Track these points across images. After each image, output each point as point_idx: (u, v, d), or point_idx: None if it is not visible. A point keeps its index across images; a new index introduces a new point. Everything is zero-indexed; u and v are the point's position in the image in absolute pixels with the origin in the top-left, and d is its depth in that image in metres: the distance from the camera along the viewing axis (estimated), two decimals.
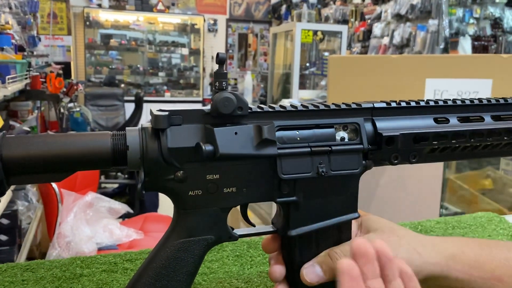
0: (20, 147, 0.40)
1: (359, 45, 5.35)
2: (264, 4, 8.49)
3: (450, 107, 0.53)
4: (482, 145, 0.54)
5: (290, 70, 4.38)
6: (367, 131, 0.49)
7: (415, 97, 0.55)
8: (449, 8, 3.82)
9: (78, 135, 0.43)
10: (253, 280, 0.66)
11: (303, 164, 0.47)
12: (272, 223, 0.52)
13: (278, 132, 0.46)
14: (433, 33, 3.88)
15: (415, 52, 4.07)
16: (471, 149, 0.54)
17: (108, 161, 0.43)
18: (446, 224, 0.90)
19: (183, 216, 0.46)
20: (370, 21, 5.11)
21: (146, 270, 0.46)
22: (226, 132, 0.44)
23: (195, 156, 0.43)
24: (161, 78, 7.91)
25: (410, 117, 0.52)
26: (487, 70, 1.69)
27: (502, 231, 0.87)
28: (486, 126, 0.53)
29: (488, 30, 3.79)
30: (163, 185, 0.44)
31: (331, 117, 0.49)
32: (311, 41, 4.36)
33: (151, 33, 7.84)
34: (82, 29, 7.31)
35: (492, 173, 2.05)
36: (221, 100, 0.43)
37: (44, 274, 0.66)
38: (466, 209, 1.97)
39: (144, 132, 0.43)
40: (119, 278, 0.66)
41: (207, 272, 0.68)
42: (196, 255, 0.46)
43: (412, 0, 4.14)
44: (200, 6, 8.08)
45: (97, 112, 6.15)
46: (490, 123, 0.54)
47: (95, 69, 7.56)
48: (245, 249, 0.76)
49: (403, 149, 0.50)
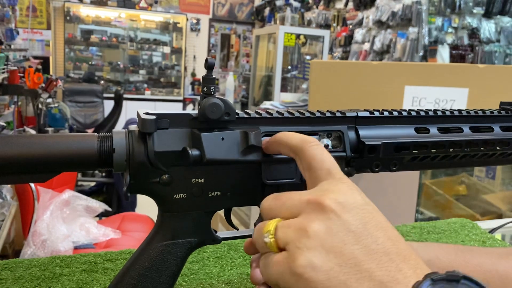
0: (5, 147, 0.40)
1: (340, 50, 5.41)
2: (247, 6, 8.51)
3: (430, 117, 0.55)
4: (460, 155, 0.56)
5: (272, 72, 4.40)
6: (350, 139, 0.50)
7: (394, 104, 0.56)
8: (428, 17, 3.90)
9: (64, 136, 0.43)
10: (233, 282, 0.67)
11: (287, 171, 0.48)
12: (254, 226, 0.53)
13: (264, 138, 0.47)
14: (413, 40, 3.96)
15: (395, 59, 4.14)
16: (449, 159, 0.56)
17: (94, 163, 0.43)
18: (422, 229, 0.92)
19: (168, 219, 0.46)
20: (352, 26, 5.17)
21: (128, 271, 0.46)
22: (213, 137, 0.44)
23: (181, 160, 0.44)
24: (142, 76, 7.84)
25: (392, 126, 0.53)
26: (464, 79, 1.74)
27: (474, 236, 0.90)
28: (464, 137, 0.55)
29: (466, 40, 3.89)
30: (149, 188, 0.45)
31: (315, 124, 0.50)
32: (294, 45, 4.40)
33: (132, 30, 7.77)
34: (62, 23, 7.19)
35: (466, 179, 2.11)
36: (209, 106, 0.44)
37: (22, 273, 0.65)
38: (440, 214, 2.02)
39: (131, 135, 0.44)
40: (99, 278, 0.66)
41: (187, 273, 0.69)
42: (179, 257, 0.47)
43: (393, 8, 4.21)
44: (183, 5, 8.05)
45: (75, 108, 6.05)
46: (468, 134, 0.56)
47: (75, 64, 7.44)
48: (226, 250, 0.77)
49: (385, 158, 0.52)
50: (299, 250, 0.34)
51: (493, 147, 0.56)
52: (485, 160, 0.58)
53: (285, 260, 0.35)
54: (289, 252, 0.35)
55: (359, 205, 0.36)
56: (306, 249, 0.34)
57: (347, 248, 0.33)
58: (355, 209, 0.35)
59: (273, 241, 0.36)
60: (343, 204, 0.35)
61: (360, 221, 0.35)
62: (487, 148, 0.56)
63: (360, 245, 0.33)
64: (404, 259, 0.33)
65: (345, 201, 0.36)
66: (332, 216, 0.35)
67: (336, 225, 0.34)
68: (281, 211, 0.38)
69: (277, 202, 0.39)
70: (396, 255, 0.33)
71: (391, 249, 0.33)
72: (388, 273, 0.32)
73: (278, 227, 0.37)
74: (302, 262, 0.33)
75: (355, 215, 0.35)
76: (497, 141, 0.56)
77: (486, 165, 0.61)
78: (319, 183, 0.39)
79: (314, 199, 0.36)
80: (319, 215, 0.35)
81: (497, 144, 0.56)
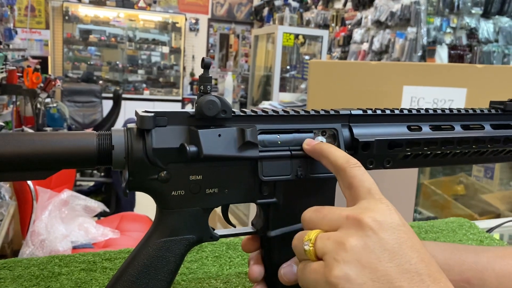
0: (5, 145, 0.40)
1: (339, 50, 5.41)
2: (246, 6, 8.51)
3: (423, 115, 0.56)
4: (452, 152, 0.57)
5: (271, 72, 4.41)
6: (344, 136, 0.51)
7: (392, 103, 0.57)
8: (427, 17, 3.90)
9: (63, 133, 0.43)
10: (232, 281, 0.67)
11: (283, 167, 0.48)
12: (252, 224, 0.53)
13: (260, 136, 0.48)
14: (412, 40, 3.96)
15: (393, 59, 4.15)
16: (442, 156, 0.57)
17: (93, 160, 0.43)
18: (420, 229, 0.92)
19: (166, 216, 0.47)
20: (351, 26, 5.17)
21: (127, 269, 0.46)
22: (210, 134, 0.45)
23: (179, 157, 0.44)
24: (140, 75, 7.84)
25: (385, 125, 0.54)
26: (462, 79, 1.74)
27: (472, 236, 0.91)
28: (456, 135, 0.56)
29: (464, 40, 3.90)
30: (147, 185, 0.45)
31: (310, 122, 0.51)
32: (292, 45, 4.40)
33: (131, 30, 7.76)
34: (61, 23, 7.18)
35: (465, 179, 2.11)
36: (206, 103, 0.44)
37: (21, 273, 0.65)
38: (438, 213, 2.02)
39: (129, 132, 0.44)
40: (98, 277, 0.66)
41: (186, 272, 0.69)
42: (178, 254, 0.47)
43: (392, 8, 4.22)
44: (182, 5, 8.05)
45: (74, 108, 6.05)
46: (460, 132, 0.57)
47: (73, 64, 7.44)
48: (224, 250, 0.77)
49: (378, 155, 0.53)
50: (336, 262, 0.36)
51: (484, 144, 0.57)
52: (477, 158, 0.59)
53: (322, 269, 0.37)
54: (326, 262, 0.37)
55: (396, 225, 0.38)
56: (342, 262, 0.36)
57: (382, 265, 0.35)
58: (392, 229, 0.37)
59: (312, 250, 0.39)
60: (381, 223, 0.37)
61: (396, 241, 0.36)
62: (478, 145, 0.57)
63: (394, 263, 0.35)
64: (434, 280, 0.35)
65: (383, 220, 0.37)
66: (370, 234, 0.37)
67: (373, 242, 0.36)
68: (322, 223, 0.40)
69: (318, 214, 0.41)
70: (427, 276, 0.35)
71: (423, 270, 0.35)
72: None
73: (318, 237, 0.39)
74: (338, 273, 0.35)
75: (392, 235, 0.37)
76: (488, 138, 0.57)
77: (478, 163, 0.62)
78: (358, 201, 0.41)
79: (354, 215, 0.38)
80: (358, 231, 0.37)
81: (488, 142, 0.57)
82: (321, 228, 0.40)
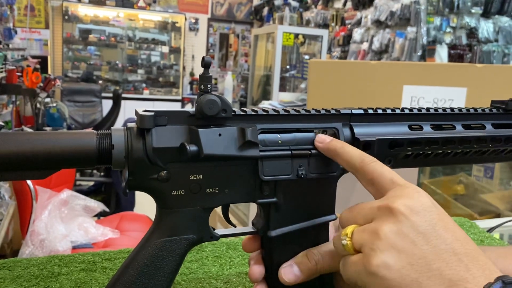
0: (5, 144, 0.40)
1: (339, 49, 5.41)
2: (246, 5, 8.51)
3: (424, 115, 0.56)
4: (453, 152, 0.57)
5: (271, 72, 4.41)
6: (345, 136, 0.51)
7: (392, 103, 0.57)
8: (427, 17, 3.90)
9: (63, 133, 0.43)
10: (232, 281, 0.67)
11: (284, 167, 0.48)
12: (252, 224, 0.53)
13: (261, 135, 0.47)
14: (411, 40, 3.96)
15: (393, 58, 4.15)
16: (443, 156, 0.57)
17: (93, 160, 0.43)
18: None
19: (166, 215, 0.46)
20: (350, 26, 5.17)
21: (127, 268, 0.46)
22: (210, 133, 0.44)
23: (179, 156, 0.44)
24: (140, 75, 7.84)
25: (386, 124, 0.54)
26: (462, 79, 1.74)
27: (473, 235, 0.90)
28: (457, 134, 0.56)
29: (464, 39, 3.89)
30: (147, 184, 0.45)
31: (311, 121, 0.50)
32: (292, 44, 4.40)
33: (131, 30, 7.76)
34: (61, 23, 7.17)
35: (465, 179, 2.11)
36: (206, 102, 0.44)
37: (21, 273, 0.65)
38: None
39: (129, 131, 0.44)
40: (97, 277, 0.65)
41: (186, 272, 0.69)
42: (178, 254, 0.47)
43: (392, 7, 4.22)
44: (182, 4, 8.04)
45: (73, 108, 6.04)
46: (461, 131, 0.56)
47: (73, 64, 7.43)
48: (225, 250, 0.77)
49: (379, 154, 0.52)
50: (373, 251, 0.37)
51: (486, 144, 0.57)
52: (478, 157, 0.59)
53: (361, 261, 0.38)
54: (364, 254, 0.38)
55: (426, 207, 0.38)
56: (379, 250, 0.37)
57: (417, 248, 0.36)
58: (423, 211, 0.37)
59: (350, 243, 0.40)
60: (411, 207, 0.38)
61: (428, 223, 0.37)
62: (479, 145, 0.57)
63: (430, 246, 0.36)
64: (472, 259, 0.35)
65: (413, 204, 0.38)
66: (402, 219, 0.37)
67: (406, 226, 0.37)
68: (357, 219, 0.42)
69: (352, 212, 0.43)
70: (464, 255, 0.35)
71: (460, 249, 0.35)
72: (457, 273, 0.34)
73: (355, 231, 0.40)
74: (376, 262, 0.36)
75: (423, 217, 0.37)
76: (489, 138, 0.57)
77: (479, 162, 0.62)
78: (385, 193, 0.41)
79: (384, 205, 0.39)
80: (389, 218, 0.38)
81: (489, 141, 0.57)
82: (357, 223, 0.41)
